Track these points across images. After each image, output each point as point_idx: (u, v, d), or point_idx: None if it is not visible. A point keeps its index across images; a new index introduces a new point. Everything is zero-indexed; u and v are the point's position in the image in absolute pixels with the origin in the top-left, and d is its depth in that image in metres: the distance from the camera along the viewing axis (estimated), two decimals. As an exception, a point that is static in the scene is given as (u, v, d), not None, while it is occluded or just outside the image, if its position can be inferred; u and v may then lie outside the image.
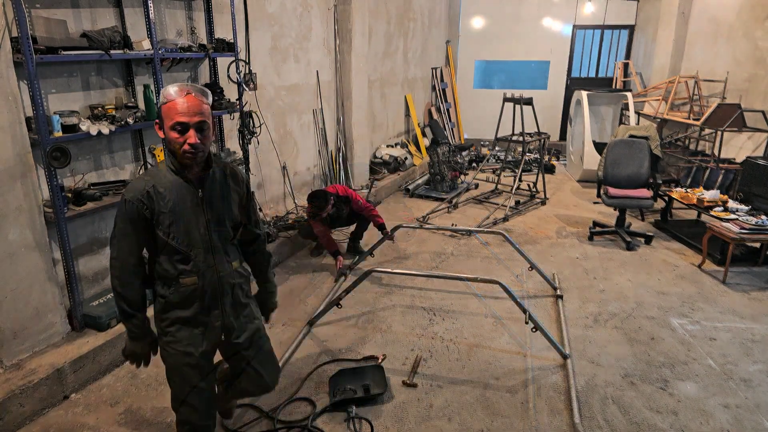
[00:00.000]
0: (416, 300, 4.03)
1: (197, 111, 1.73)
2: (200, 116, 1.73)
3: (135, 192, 1.78)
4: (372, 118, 7.39)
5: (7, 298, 2.73)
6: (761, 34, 6.63)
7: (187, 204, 1.83)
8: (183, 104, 1.71)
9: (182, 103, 1.71)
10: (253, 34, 4.69)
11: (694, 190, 5.27)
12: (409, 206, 6.65)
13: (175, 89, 1.73)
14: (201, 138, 1.75)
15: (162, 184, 1.80)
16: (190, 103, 1.72)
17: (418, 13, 8.76)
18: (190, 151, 1.74)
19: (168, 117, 1.73)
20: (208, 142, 1.80)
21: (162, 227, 1.81)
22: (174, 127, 1.72)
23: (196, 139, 1.73)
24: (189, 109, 1.71)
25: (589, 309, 3.91)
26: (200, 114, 1.73)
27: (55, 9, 2.97)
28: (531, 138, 6.74)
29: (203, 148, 1.77)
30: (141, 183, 1.80)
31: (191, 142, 1.72)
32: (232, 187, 1.98)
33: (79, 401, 2.81)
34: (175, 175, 1.82)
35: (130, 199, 1.78)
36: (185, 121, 1.71)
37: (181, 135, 1.73)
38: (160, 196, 1.79)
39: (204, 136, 1.76)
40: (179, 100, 1.71)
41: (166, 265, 1.88)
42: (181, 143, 1.73)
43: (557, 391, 2.94)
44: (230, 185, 1.97)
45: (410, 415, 2.73)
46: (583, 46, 10.39)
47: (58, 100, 3.06)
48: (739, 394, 2.93)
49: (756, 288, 4.29)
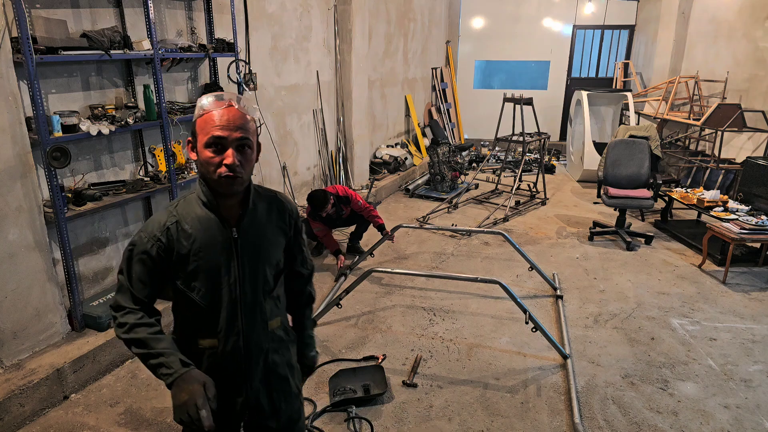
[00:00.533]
0: (416, 300, 4.03)
1: (238, 125, 1.37)
2: (241, 132, 1.37)
3: (153, 227, 1.43)
4: (372, 118, 7.39)
5: (7, 298, 2.73)
6: (761, 34, 6.63)
7: (216, 247, 1.44)
8: (222, 116, 1.36)
9: (221, 115, 1.36)
10: (253, 34, 4.69)
11: (694, 191, 5.27)
12: (409, 206, 6.65)
13: (212, 99, 1.39)
14: (241, 160, 1.38)
15: (188, 220, 1.43)
16: (231, 116, 1.37)
17: (419, 13, 8.76)
18: (226, 174, 1.35)
19: (202, 131, 1.38)
20: (250, 166, 1.42)
21: (181, 274, 1.44)
22: (209, 144, 1.36)
23: (234, 159, 1.35)
24: (229, 122, 1.36)
25: (589, 309, 3.91)
26: (242, 129, 1.37)
27: (55, 9, 2.97)
28: (531, 138, 6.74)
29: (243, 173, 1.39)
30: (163, 216, 1.44)
31: (228, 162, 1.35)
32: (277, 225, 1.56)
33: (79, 401, 2.81)
34: (205, 208, 1.44)
35: (144, 235, 1.42)
36: (223, 136, 1.35)
37: (216, 154, 1.36)
38: (183, 234, 1.42)
39: (245, 159, 1.39)
40: (217, 112, 1.37)
41: (184, 325, 1.53)
42: (216, 164, 1.36)
43: (557, 391, 2.93)
44: (275, 223, 1.55)
45: (410, 416, 2.73)
46: (583, 46, 10.39)
47: (58, 100, 3.06)
48: (739, 394, 2.93)
49: (756, 288, 4.29)
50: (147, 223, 1.45)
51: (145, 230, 1.43)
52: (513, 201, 6.42)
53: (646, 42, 9.38)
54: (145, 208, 3.77)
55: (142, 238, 1.42)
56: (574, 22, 10.14)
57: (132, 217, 3.68)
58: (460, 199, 6.82)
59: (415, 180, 7.63)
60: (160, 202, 3.86)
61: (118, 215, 3.57)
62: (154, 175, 3.60)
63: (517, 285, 4.30)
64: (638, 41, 9.80)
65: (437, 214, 6.24)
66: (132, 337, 1.39)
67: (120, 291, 1.45)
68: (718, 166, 6.09)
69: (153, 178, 3.58)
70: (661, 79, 8.51)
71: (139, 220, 3.74)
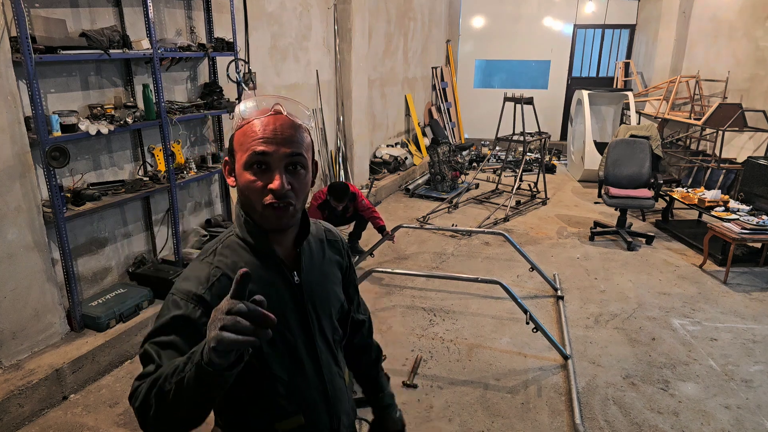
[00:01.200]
0: (416, 300, 4.02)
1: (290, 138, 1.02)
2: (292, 146, 1.02)
3: (190, 284, 1.02)
4: (372, 117, 7.38)
5: (6, 298, 2.72)
6: (762, 33, 6.61)
7: (281, 299, 1.09)
8: (266, 126, 1.01)
9: (264, 124, 1.01)
10: (252, 34, 4.68)
11: (695, 190, 5.26)
12: (409, 206, 6.64)
13: (252, 104, 1.05)
14: (293, 183, 1.03)
15: (236, 268, 1.04)
16: (278, 125, 1.02)
17: (419, 12, 8.74)
18: (272, 203, 1.01)
19: (241, 147, 1.03)
20: (305, 192, 1.07)
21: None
22: (249, 164, 1.01)
23: (283, 183, 1.00)
24: (276, 134, 1.01)
25: (590, 309, 3.90)
26: (292, 143, 1.02)
27: (54, 8, 2.96)
28: (532, 138, 6.73)
29: (296, 201, 1.04)
30: (202, 269, 1.05)
31: (275, 187, 1.00)
32: (332, 258, 1.26)
33: (78, 402, 2.81)
34: (253, 253, 1.08)
35: (181, 296, 1.01)
36: (267, 152, 1.00)
37: (259, 177, 1.01)
38: None
39: (298, 182, 1.04)
40: (259, 121, 1.02)
41: (246, 410, 1.10)
42: (258, 191, 1.02)
43: (558, 391, 2.93)
44: (330, 257, 1.25)
45: (410, 416, 2.72)
46: (584, 46, 10.37)
47: (57, 99, 3.05)
48: (740, 394, 2.92)
49: (757, 288, 4.28)
50: (180, 280, 1.05)
51: (181, 289, 1.02)
52: (513, 201, 6.40)
53: (646, 41, 9.36)
54: (144, 208, 3.77)
55: (177, 300, 1.01)
56: (575, 22, 10.13)
57: (131, 217, 3.67)
58: (461, 199, 6.81)
59: (415, 180, 7.62)
60: (159, 202, 3.85)
61: (117, 215, 3.56)
62: (153, 174, 3.60)
63: (517, 285, 4.29)
64: (639, 41, 9.79)
65: (437, 214, 6.23)
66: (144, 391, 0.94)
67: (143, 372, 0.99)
68: (719, 166, 6.08)
69: (152, 178, 3.57)
70: (661, 79, 8.50)
71: (138, 220, 3.73)
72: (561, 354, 3.20)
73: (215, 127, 4.34)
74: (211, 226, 4.31)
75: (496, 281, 3.12)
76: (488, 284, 3.38)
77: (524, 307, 3.03)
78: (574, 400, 2.80)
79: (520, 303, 3.06)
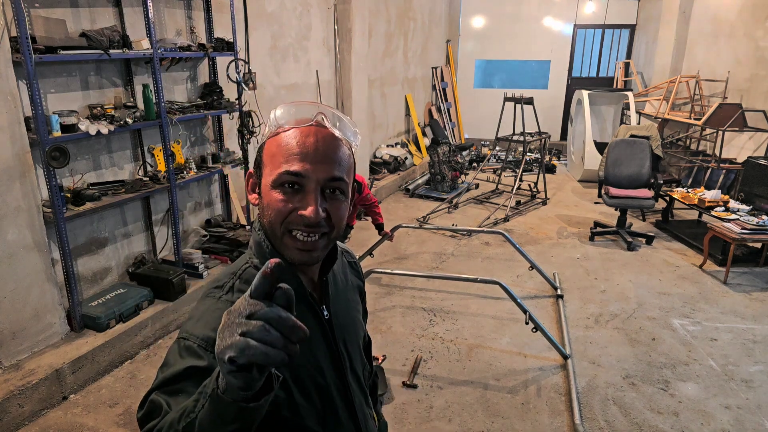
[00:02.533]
0: (416, 300, 4.02)
1: (332, 157, 0.86)
2: (334, 168, 0.86)
3: (206, 327, 0.83)
4: (372, 117, 7.38)
5: (5, 298, 2.72)
6: (762, 33, 6.61)
7: (314, 340, 0.94)
8: (305, 139, 0.85)
9: (305, 136, 0.85)
10: (252, 34, 4.68)
11: (695, 191, 5.25)
12: (409, 206, 6.64)
13: (292, 110, 0.88)
14: (329, 210, 0.86)
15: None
16: (320, 140, 0.86)
17: (419, 12, 8.74)
18: (301, 231, 0.85)
19: (273, 161, 0.86)
20: (342, 222, 0.90)
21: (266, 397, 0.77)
22: (280, 183, 0.85)
23: (318, 209, 0.84)
24: (317, 150, 0.85)
25: (590, 309, 3.90)
26: (335, 164, 0.86)
27: (55, 8, 2.96)
28: (532, 138, 6.72)
29: (329, 230, 0.88)
30: (222, 308, 0.79)
31: (308, 213, 0.83)
32: (354, 282, 1.13)
33: (78, 402, 2.81)
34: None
35: (195, 341, 0.82)
36: (303, 172, 0.84)
37: (290, 198, 0.85)
38: None
39: (335, 210, 0.87)
40: (297, 133, 0.86)
41: None
42: (286, 214, 0.85)
43: (558, 391, 2.93)
44: (351, 280, 1.11)
45: (410, 416, 2.72)
46: (584, 46, 10.37)
47: (57, 99, 3.05)
48: (740, 395, 2.92)
49: (757, 288, 4.27)
50: (194, 321, 0.86)
51: (197, 334, 0.82)
52: (513, 201, 6.40)
53: (646, 41, 9.36)
54: (144, 208, 3.77)
55: (193, 347, 0.81)
56: (575, 22, 10.12)
57: (131, 217, 3.67)
58: (461, 199, 6.81)
59: (415, 180, 7.62)
60: (159, 202, 3.85)
61: (117, 215, 3.56)
62: (153, 174, 3.60)
63: (517, 285, 4.29)
64: (639, 41, 9.78)
65: (437, 214, 6.22)
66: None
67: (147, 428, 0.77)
68: (719, 166, 6.07)
69: (152, 178, 3.57)
70: (661, 79, 8.49)
71: (138, 220, 3.73)
72: (561, 354, 3.20)
73: (215, 127, 4.34)
74: (211, 226, 4.31)
75: (496, 281, 3.12)
76: (488, 284, 3.38)
77: (524, 307, 3.03)
78: (574, 400, 2.80)
79: (520, 303, 3.06)
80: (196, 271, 3.81)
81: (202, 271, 3.83)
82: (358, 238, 5.22)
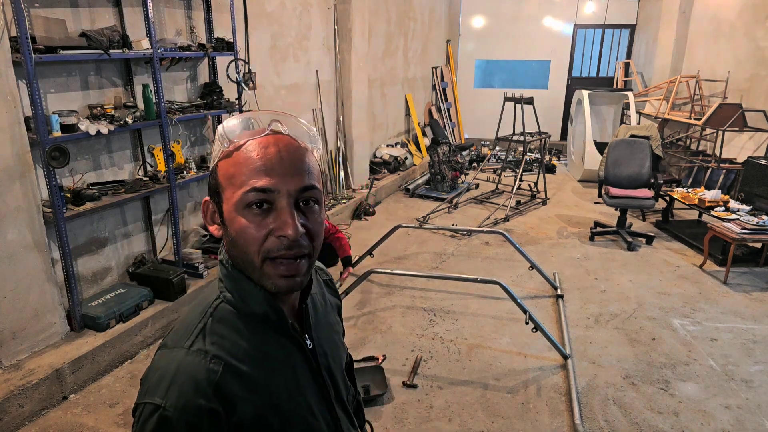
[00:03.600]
0: (416, 300, 4.02)
1: (299, 166, 0.79)
2: (304, 177, 0.79)
3: (186, 390, 0.73)
4: (372, 117, 7.38)
5: (6, 298, 2.72)
6: (762, 33, 6.61)
7: (298, 376, 0.86)
8: (266, 151, 0.77)
9: (264, 148, 0.78)
10: (252, 34, 4.68)
11: (695, 191, 5.25)
12: (409, 206, 6.64)
13: (239, 121, 0.81)
14: (307, 225, 0.79)
15: (240, 355, 0.79)
16: (283, 150, 0.78)
17: (419, 12, 8.74)
18: (281, 255, 0.77)
19: (233, 181, 0.78)
20: (321, 235, 0.83)
21: None
22: (248, 202, 0.77)
23: (296, 224, 0.77)
24: (282, 162, 0.77)
25: (590, 309, 3.90)
26: (304, 172, 0.79)
27: (54, 8, 2.96)
28: (532, 138, 6.72)
29: (311, 248, 0.81)
30: (196, 364, 0.75)
31: (286, 232, 0.76)
32: (332, 302, 1.06)
33: (78, 402, 2.81)
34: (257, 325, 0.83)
35: (176, 409, 0.72)
36: (272, 187, 0.76)
37: (260, 221, 0.77)
38: (247, 384, 0.78)
39: (314, 221, 0.81)
40: (255, 146, 0.78)
41: None
42: (260, 240, 0.77)
43: (558, 391, 2.92)
44: (329, 300, 1.05)
45: (410, 416, 2.72)
46: (584, 46, 10.37)
47: (56, 99, 3.05)
48: (740, 394, 2.92)
49: (757, 288, 4.27)
50: (164, 383, 0.74)
51: (175, 404, 0.72)
52: (513, 201, 6.40)
53: (647, 41, 9.36)
54: (144, 208, 3.77)
55: (173, 420, 0.72)
56: (575, 22, 10.12)
57: (131, 217, 3.67)
58: (461, 198, 6.81)
59: (415, 180, 7.62)
60: (159, 202, 3.85)
61: (117, 215, 3.56)
62: (153, 174, 3.60)
63: (517, 285, 4.29)
64: (639, 40, 9.78)
65: (437, 214, 6.22)
66: None
67: None
68: (719, 166, 6.07)
69: (152, 178, 3.57)
70: (662, 79, 8.49)
71: (138, 220, 3.73)
72: (561, 354, 3.20)
73: (215, 127, 4.34)
74: (211, 226, 4.31)
75: (496, 281, 3.11)
76: (488, 284, 3.38)
77: (524, 307, 3.03)
78: (574, 400, 2.80)
79: (520, 303, 3.06)
80: (196, 271, 3.81)
81: (202, 271, 3.83)
82: (358, 238, 5.23)
